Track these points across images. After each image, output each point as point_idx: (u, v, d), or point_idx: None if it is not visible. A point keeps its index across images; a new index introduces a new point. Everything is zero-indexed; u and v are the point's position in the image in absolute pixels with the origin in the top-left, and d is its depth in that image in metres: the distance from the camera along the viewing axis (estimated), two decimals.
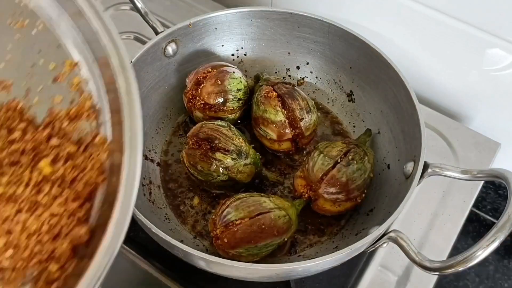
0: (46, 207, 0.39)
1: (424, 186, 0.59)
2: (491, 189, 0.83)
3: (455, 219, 0.66)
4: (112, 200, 0.37)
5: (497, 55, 0.67)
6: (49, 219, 0.39)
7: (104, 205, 0.39)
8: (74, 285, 0.35)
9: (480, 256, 0.42)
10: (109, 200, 0.38)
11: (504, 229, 0.42)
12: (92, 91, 0.42)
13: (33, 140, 0.41)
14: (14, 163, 0.40)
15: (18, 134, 0.41)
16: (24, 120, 0.42)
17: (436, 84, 0.78)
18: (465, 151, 0.72)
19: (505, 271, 0.77)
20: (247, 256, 0.54)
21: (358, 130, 0.70)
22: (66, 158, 0.41)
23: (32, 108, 0.43)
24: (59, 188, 0.40)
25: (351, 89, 0.71)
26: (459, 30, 0.68)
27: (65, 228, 0.39)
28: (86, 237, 0.39)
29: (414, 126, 0.56)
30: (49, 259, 0.38)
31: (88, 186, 0.40)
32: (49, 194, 0.39)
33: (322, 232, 0.61)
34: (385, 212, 0.55)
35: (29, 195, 0.39)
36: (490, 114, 0.76)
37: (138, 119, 0.38)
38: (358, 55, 0.66)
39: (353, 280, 0.62)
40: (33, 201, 0.39)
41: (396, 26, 0.74)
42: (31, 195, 0.39)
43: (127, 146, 0.38)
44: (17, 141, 0.41)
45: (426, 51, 0.75)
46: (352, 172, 0.58)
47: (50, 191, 0.39)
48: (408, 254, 0.48)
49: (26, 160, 0.40)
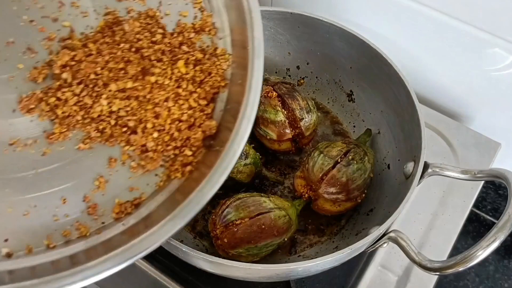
0: (185, 100, 0.46)
1: (424, 186, 0.59)
2: (491, 189, 0.83)
3: (455, 219, 0.66)
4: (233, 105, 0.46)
5: (497, 55, 0.67)
6: (187, 110, 0.46)
7: (226, 107, 0.47)
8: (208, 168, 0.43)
9: (480, 256, 0.42)
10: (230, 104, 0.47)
11: (504, 229, 0.42)
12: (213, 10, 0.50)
13: (169, 45, 0.48)
14: (158, 60, 0.46)
15: (159, 37, 0.48)
16: (160, 27, 0.48)
17: (437, 84, 0.77)
18: (465, 151, 0.72)
19: (505, 271, 0.77)
20: (247, 256, 0.54)
21: (358, 130, 0.69)
22: (194, 63, 0.48)
23: (163, 19, 0.49)
24: (193, 86, 0.47)
25: (351, 89, 0.71)
26: (459, 30, 0.67)
27: (198, 120, 0.46)
28: (214, 129, 0.46)
29: (414, 126, 0.56)
30: (183, 146, 0.46)
31: (213, 88, 0.48)
32: (186, 90, 0.46)
33: (322, 232, 0.61)
34: (385, 212, 0.55)
35: (173, 87, 0.46)
36: (490, 114, 0.76)
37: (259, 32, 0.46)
38: (358, 55, 0.66)
39: (353, 280, 0.62)
40: (176, 92, 0.46)
41: (396, 26, 0.74)
42: (174, 87, 0.46)
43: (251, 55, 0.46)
44: (158, 43, 0.47)
45: (426, 51, 0.75)
46: (352, 172, 0.58)
47: (187, 87, 0.46)
48: (408, 254, 0.48)
49: (166, 59, 0.47)
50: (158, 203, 0.44)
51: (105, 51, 0.45)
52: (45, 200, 0.42)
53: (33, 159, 0.43)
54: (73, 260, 0.40)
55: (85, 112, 0.45)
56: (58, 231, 0.42)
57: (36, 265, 0.40)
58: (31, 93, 0.44)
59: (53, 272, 0.38)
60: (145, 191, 0.45)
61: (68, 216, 0.43)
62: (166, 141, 0.45)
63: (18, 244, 0.40)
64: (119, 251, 0.39)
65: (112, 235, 0.42)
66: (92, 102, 0.44)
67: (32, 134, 0.44)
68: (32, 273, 0.39)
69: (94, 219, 0.43)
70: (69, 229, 0.42)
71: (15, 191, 0.41)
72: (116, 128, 0.45)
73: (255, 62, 0.46)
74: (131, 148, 0.45)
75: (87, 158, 0.45)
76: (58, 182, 0.43)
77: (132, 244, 0.40)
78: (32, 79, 0.44)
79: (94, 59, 0.45)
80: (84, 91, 0.44)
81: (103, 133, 0.45)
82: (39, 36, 0.45)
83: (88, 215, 0.43)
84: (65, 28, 0.46)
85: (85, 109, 0.45)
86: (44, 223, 0.42)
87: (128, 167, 0.45)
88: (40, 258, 0.40)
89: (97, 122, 0.45)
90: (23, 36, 0.44)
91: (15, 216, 0.41)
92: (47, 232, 0.42)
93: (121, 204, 0.44)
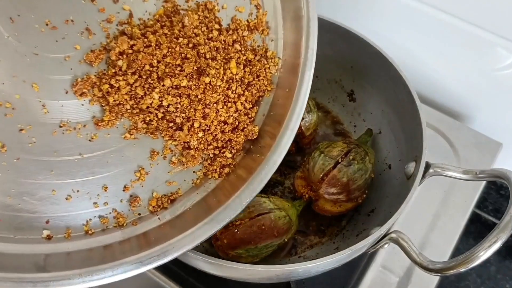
0: (233, 102, 0.46)
1: (426, 186, 0.59)
2: (493, 189, 0.83)
3: (456, 220, 0.66)
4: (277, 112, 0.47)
5: (499, 54, 0.67)
6: (233, 113, 0.47)
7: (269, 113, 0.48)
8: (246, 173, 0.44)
9: (482, 257, 0.42)
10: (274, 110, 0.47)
11: (506, 230, 0.42)
12: (268, 9, 0.49)
13: (224, 42, 0.47)
14: (213, 59, 0.46)
15: (215, 33, 0.47)
16: (216, 22, 0.48)
17: (438, 84, 0.77)
18: (467, 151, 0.72)
19: (506, 272, 0.77)
20: (247, 257, 0.54)
21: (359, 130, 0.69)
22: (244, 64, 0.48)
23: (220, 12, 0.49)
24: (241, 88, 0.47)
25: (352, 88, 0.70)
26: (461, 29, 0.67)
27: (242, 124, 0.47)
28: (256, 135, 0.47)
29: (415, 125, 0.56)
30: (224, 147, 0.46)
31: (259, 92, 0.48)
32: (236, 92, 0.47)
33: (323, 232, 0.61)
34: (386, 213, 0.55)
35: (224, 89, 0.46)
36: (492, 114, 0.76)
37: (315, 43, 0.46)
38: (359, 54, 0.66)
39: (354, 281, 0.61)
40: (226, 94, 0.46)
41: (397, 25, 0.74)
42: (225, 88, 0.46)
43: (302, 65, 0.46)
44: (213, 40, 0.47)
45: (427, 50, 0.74)
46: (353, 172, 0.57)
47: (236, 89, 0.46)
48: (409, 255, 0.48)
49: (220, 58, 0.47)
50: (194, 202, 0.45)
51: (164, 44, 0.45)
52: (88, 186, 0.43)
53: (80, 143, 0.43)
54: (106, 251, 0.41)
55: (135, 102, 0.45)
56: (97, 218, 0.43)
57: (71, 251, 0.40)
58: (86, 77, 0.44)
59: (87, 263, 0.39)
60: (182, 187, 0.46)
61: (107, 204, 0.43)
62: (209, 140, 0.46)
63: (58, 227, 0.41)
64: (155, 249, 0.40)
65: (148, 229, 0.43)
66: (144, 93, 0.44)
67: (81, 118, 0.44)
68: (68, 259, 0.40)
69: (131, 209, 0.44)
70: (108, 217, 0.43)
71: (60, 174, 0.42)
72: (163, 122, 0.45)
73: (306, 73, 0.46)
74: (174, 143, 0.46)
75: (131, 148, 0.45)
76: (101, 169, 0.44)
77: (168, 244, 0.40)
78: (87, 62, 0.44)
79: (152, 51, 0.45)
80: (137, 81, 0.44)
81: (149, 125, 0.45)
82: (98, 17, 0.45)
83: (126, 205, 0.44)
84: (124, 11, 0.46)
85: (136, 99, 0.45)
86: (84, 208, 0.43)
87: (169, 161, 0.46)
88: (77, 243, 0.41)
89: (145, 113, 0.45)
90: (83, 15, 0.44)
91: (58, 199, 0.42)
92: (86, 218, 0.42)
93: (158, 198, 0.45)
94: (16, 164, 0.40)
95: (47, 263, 0.39)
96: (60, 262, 0.39)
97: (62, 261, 0.39)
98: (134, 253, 0.39)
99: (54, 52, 0.43)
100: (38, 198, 0.41)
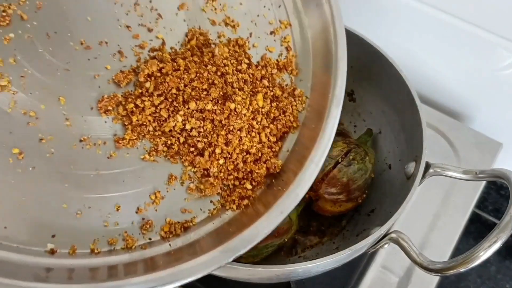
0: (257, 133, 0.47)
1: (426, 186, 0.59)
2: (493, 189, 0.83)
3: (456, 220, 0.66)
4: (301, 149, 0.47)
5: (499, 55, 0.67)
6: (257, 144, 0.46)
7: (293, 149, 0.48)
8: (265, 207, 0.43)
9: (482, 257, 0.42)
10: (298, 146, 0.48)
11: (506, 230, 0.42)
12: (298, 51, 0.51)
13: (252, 76, 0.49)
14: (240, 89, 0.47)
15: (244, 66, 0.48)
16: (246, 57, 0.49)
17: (438, 84, 0.77)
18: (467, 151, 0.72)
19: (506, 272, 0.77)
20: (247, 257, 0.54)
21: (359, 130, 0.69)
22: (271, 99, 0.49)
23: (250, 50, 0.50)
24: (266, 121, 0.47)
25: (352, 88, 0.70)
26: (461, 29, 0.67)
27: (265, 156, 0.47)
28: (279, 169, 0.46)
29: (415, 126, 0.56)
30: (244, 178, 0.46)
31: (284, 127, 0.48)
32: (260, 123, 0.47)
33: (323, 233, 0.61)
34: (386, 213, 0.55)
35: (248, 118, 0.46)
36: (492, 114, 0.76)
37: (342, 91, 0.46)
38: (359, 54, 0.66)
39: (354, 281, 0.61)
40: (250, 124, 0.47)
41: (397, 25, 0.74)
42: (250, 118, 0.47)
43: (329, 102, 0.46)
44: (242, 72, 0.48)
45: (427, 51, 0.74)
46: (353, 172, 0.57)
47: (261, 121, 0.47)
48: (409, 255, 0.48)
49: (247, 89, 0.48)
50: (207, 231, 0.44)
51: (192, 69, 0.46)
52: (100, 203, 0.42)
53: (98, 160, 0.43)
54: (111, 271, 0.40)
55: (158, 124, 0.45)
56: (105, 238, 0.42)
57: (75, 267, 0.39)
58: (113, 95, 0.44)
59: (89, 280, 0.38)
60: (197, 215, 0.45)
61: (117, 225, 0.42)
62: (230, 170, 0.45)
63: (63, 242, 0.40)
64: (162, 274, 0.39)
65: (157, 254, 0.42)
66: (168, 115, 0.45)
67: (103, 135, 0.44)
68: (69, 275, 0.39)
69: (142, 233, 0.43)
70: (117, 238, 0.42)
71: (74, 187, 0.42)
72: (184, 146, 0.45)
73: (333, 110, 0.46)
74: (194, 169, 0.45)
75: (149, 170, 0.44)
76: (116, 188, 0.43)
77: (177, 269, 0.39)
78: (116, 82, 0.45)
79: (180, 74, 0.45)
80: (162, 103, 0.45)
81: (170, 149, 0.45)
82: (132, 42, 0.46)
83: (137, 228, 0.43)
84: (157, 39, 0.47)
85: (159, 121, 0.45)
86: (93, 226, 0.42)
87: (186, 188, 0.45)
88: (81, 261, 0.40)
89: (167, 136, 0.45)
90: (117, 39, 0.45)
91: (68, 214, 0.41)
92: (94, 237, 0.41)
93: (171, 224, 0.44)
94: (31, 173, 0.40)
95: (47, 275, 0.38)
96: (61, 276, 0.38)
97: (64, 276, 0.39)
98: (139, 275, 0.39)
99: (85, 69, 0.44)
100: (47, 210, 0.40)
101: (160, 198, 0.44)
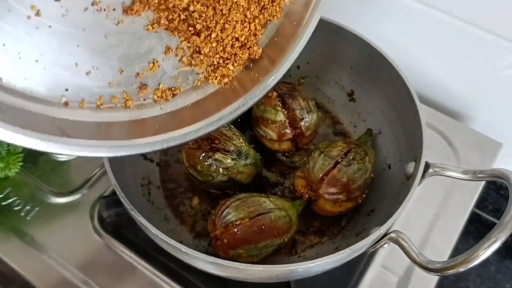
0: (248, 23, 0.51)
1: (425, 186, 0.59)
2: (493, 189, 0.83)
3: (456, 220, 0.66)
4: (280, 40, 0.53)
5: (499, 54, 0.67)
6: (246, 32, 0.51)
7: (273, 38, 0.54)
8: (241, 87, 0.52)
9: (482, 257, 0.42)
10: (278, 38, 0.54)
11: (506, 230, 0.42)
12: None
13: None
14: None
15: None
16: None
17: (438, 84, 0.77)
18: (467, 151, 0.72)
19: (506, 271, 0.77)
20: (247, 257, 0.54)
21: (359, 130, 0.69)
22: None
23: None
24: (257, 11, 0.51)
25: (352, 88, 0.70)
26: (460, 29, 0.67)
27: (249, 43, 0.52)
28: (258, 55, 0.53)
29: (415, 126, 0.56)
30: (228, 59, 0.52)
31: (269, 16, 0.53)
32: (253, 14, 0.51)
33: (323, 232, 0.61)
34: (386, 213, 0.55)
35: (244, 9, 0.50)
36: (491, 114, 0.76)
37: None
38: (359, 55, 0.66)
39: (354, 281, 0.61)
40: (245, 14, 0.51)
41: (397, 25, 0.74)
42: (245, 9, 0.50)
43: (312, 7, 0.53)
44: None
45: (427, 51, 0.74)
46: (353, 172, 0.57)
47: (253, 11, 0.51)
48: (409, 254, 0.48)
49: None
50: (192, 101, 0.52)
51: None
52: (107, 65, 0.47)
53: (106, 25, 0.45)
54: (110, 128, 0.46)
55: None
56: (109, 96, 0.47)
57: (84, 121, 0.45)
58: None
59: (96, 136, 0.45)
60: (184, 84, 0.51)
61: (120, 86, 0.48)
62: (218, 51, 0.51)
63: (75, 96, 0.45)
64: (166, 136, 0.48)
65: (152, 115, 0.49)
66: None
67: (112, 2, 0.46)
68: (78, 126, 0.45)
69: (139, 95, 0.49)
70: (118, 97, 0.48)
71: (85, 49, 0.45)
72: (184, 24, 0.48)
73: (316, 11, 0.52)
74: (188, 44, 0.50)
75: (150, 40, 0.48)
76: (120, 54, 0.47)
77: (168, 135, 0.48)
78: None
79: None
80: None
81: (170, 23, 0.48)
82: None
83: (135, 90, 0.49)
84: None
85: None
86: (100, 85, 0.47)
87: (179, 59, 0.50)
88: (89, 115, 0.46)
89: (170, 11, 0.48)
90: None
91: (79, 72, 0.45)
92: (100, 93, 0.47)
93: (163, 90, 0.50)
94: (48, 32, 0.43)
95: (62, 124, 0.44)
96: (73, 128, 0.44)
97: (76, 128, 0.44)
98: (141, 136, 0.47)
99: None
100: (62, 66, 0.44)
101: (157, 67, 0.49)
